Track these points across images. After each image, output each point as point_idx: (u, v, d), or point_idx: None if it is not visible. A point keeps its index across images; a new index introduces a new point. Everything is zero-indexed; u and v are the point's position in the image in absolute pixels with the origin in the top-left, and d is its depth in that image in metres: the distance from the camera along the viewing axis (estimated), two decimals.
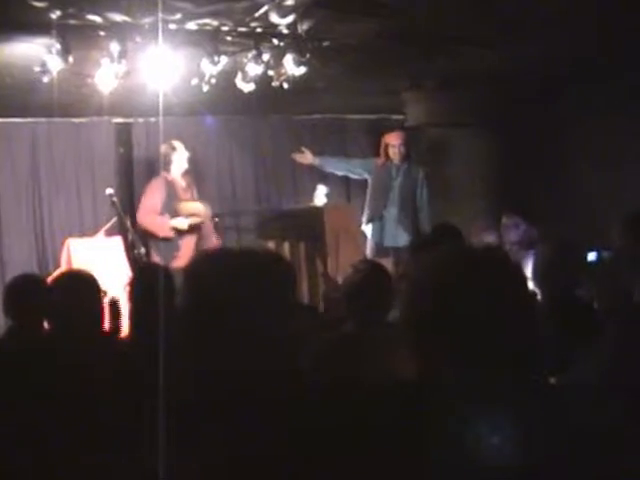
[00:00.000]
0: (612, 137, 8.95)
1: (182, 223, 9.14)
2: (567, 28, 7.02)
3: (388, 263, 7.92)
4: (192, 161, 9.55)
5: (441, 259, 2.21)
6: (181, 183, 9.42)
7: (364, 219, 9.51)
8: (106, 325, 4.45)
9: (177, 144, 9.37)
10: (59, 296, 4.18)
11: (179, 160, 9.36)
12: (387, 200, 9.54)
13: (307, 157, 9.95)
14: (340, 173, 10.07)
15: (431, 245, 5.35)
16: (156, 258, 9.00)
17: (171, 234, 9.10)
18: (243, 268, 2.28)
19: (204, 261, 2.40)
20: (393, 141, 9.60)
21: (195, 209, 9.34)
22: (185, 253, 8.88)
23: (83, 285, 4.26)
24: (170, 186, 9.30)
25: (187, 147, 9.58)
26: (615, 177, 8.98)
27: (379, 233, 9.44)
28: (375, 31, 7.05)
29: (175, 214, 9.19)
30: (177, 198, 9.31)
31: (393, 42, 7.33)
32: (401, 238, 9.12)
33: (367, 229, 9.48)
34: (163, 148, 9.31)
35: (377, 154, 9.92)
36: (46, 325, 4.35)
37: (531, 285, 4.91)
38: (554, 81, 8.87)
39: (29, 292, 4.60)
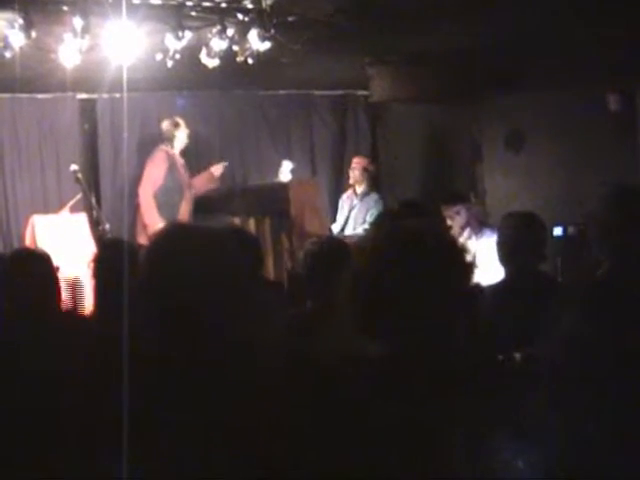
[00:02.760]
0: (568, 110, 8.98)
1: None
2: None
3: None
4: None
5: (379, 239, 2.23)
6: (180, 159, 9.58)
7: None
8: (65, 302, 4.43)
9: (180, 120, 9.52)
10: (12, 274, 4.17)
11: (181, 136, 9.57)
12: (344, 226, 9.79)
13: None
14: None
15: (393, 221, 5.36)
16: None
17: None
18: (204, 243, 2.27)
19: (166, 236, 2.39)
20: (352, 164, 9.90)
21: None
22: None
23: (36, 263, 4.25)
24: (171, 159, 9.48)
25: (151, 122, 9.64)
26: (573, 152, 9.02)
27: None
28: (339, 6, 7.03)
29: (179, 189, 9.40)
30: (177, 172, 9.40)
31: (357, 17, 7.31)
32: None
33: None
34: (165, 124, 9.53)
35: (342, 129, 10.09)
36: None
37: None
38: (519, 58, 8.87)
39: None
